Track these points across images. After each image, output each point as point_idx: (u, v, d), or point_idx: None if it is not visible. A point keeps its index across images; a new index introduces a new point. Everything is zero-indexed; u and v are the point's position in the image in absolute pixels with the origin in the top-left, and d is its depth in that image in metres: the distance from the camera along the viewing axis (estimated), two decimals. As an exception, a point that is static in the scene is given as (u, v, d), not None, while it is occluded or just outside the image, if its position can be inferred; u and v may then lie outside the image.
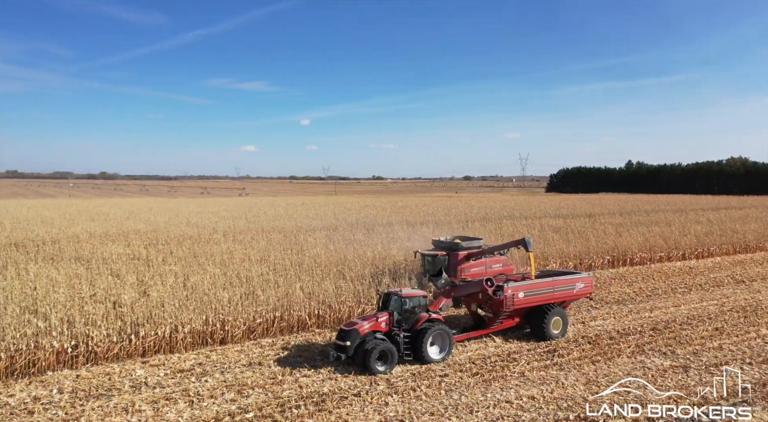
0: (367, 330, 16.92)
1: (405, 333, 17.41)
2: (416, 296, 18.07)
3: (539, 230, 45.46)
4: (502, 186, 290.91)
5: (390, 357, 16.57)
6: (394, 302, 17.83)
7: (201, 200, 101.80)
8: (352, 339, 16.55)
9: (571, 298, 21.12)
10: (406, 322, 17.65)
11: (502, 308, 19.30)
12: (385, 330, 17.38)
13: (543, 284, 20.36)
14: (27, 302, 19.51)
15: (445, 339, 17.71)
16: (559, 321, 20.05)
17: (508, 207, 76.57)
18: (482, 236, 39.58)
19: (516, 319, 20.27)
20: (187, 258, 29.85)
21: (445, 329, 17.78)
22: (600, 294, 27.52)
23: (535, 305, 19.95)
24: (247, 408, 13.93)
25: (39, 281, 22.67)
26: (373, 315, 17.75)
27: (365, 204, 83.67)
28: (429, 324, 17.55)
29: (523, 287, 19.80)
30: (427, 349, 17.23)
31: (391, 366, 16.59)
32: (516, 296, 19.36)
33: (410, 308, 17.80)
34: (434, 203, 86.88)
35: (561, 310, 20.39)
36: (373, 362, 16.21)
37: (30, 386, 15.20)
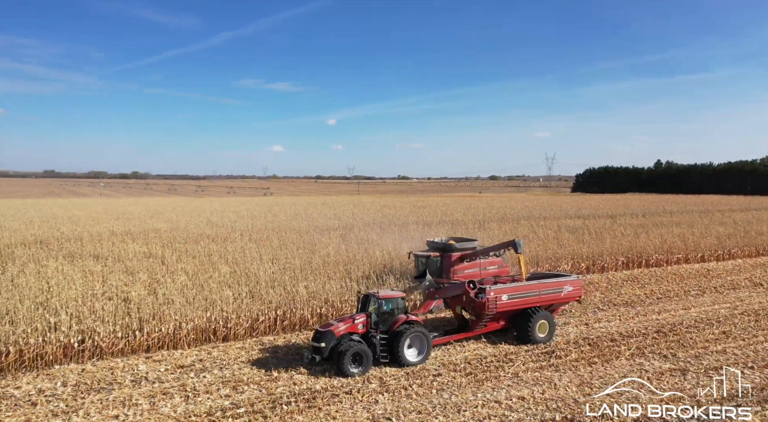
0: (343, 331, 16.79)
1: (382, 334, 17.23)
2: (394, 298, 17.93)
3: (555, 230, 45.04)
4: (528, 186, 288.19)
5: (364, 359, 16.46)
6: (372, 303, 17.76)
7: (225, 200, 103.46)
8: (327, 341, 16.45)
9: (559, 301, 20.75)
10: (383, 324, 17.47)
11: (485, 311, 19.03)
12: (362, 332, 17.22)
13: (528, 287, 20.05)
14: (41, 298, 20.27)
15: (423, 341, 17.51)
16: (545, 324, 19.69)
17: (529, 208, 75.95)
18: (498, 237, 39.52)
19: (501, 322, 19.98)
20: (200, 257, 30.50)
21: (422, 331, 17.55)
22: (609, 296, 27.28)
23: (520, 308, 19.68)
24: (240, 404, 14.30)
25: (55, 278, 23.51)
26: (349, 317, 17.65)
27: (385, 204, 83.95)
28: (406, 326, 17.32)
29: (506, 290, 19.52)
30: (404, 351, 17.04)
31: (366, 368, 16.44)
32: (499, 299, 19.09)
33: (388, 310, 17.63)
34: (454, 203, 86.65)
35: (547, 313, 19.94)
36: (346, 364, 16.13)
37: (37, 378, 15.85)
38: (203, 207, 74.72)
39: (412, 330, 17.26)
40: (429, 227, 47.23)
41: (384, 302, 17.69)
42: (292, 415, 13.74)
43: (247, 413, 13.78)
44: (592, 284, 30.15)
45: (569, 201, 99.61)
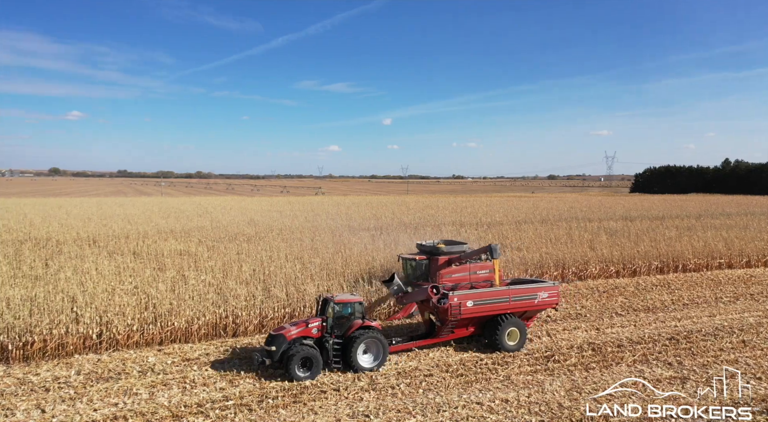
0: (295, 335, 16.71)
1: (336, 339, 17.08)
2: (350, 303, 17.65)
3: (593, 233, 43.98)
4: (586, 186, 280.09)
5: (314, 363, 16.36)
6: (329, 307, 17.53)
7: (275, 199, 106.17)
8: (278, 344, 16.37)
9: (532, 308, 19.96)
10: (338, 328, 17.30)
11: (448, 317, 18.56)
12: (317, 336, 17.06)
13: (496, 293, 19.50)
14: (72, 292, 21.83)
15: (379, 347, 17.20)
16: (515, 332, 19.08)
17: (576, 208, 74.14)
18: (531, 240, 39.04)
19: (471, 328, 19.48)
20: (231, 254, 31.76)
21: (378, 337, 17.18)
22: (632, 301, 26.59)
23: (489, 314, 19.18)
24: (230, 397, 15.06)
25: (90, 273, 25.20)
26: (303, 321, 17.59)
27: (429, 204, 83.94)
28: (361, 331, 17.06)
29: (471, 296, 19.01)
30: (357, 356, 16.83)
31: (315, 372, 16.35)
32: (463, 305, 18.58)
33: (344, 314, 17.46)
34: (500, 204, 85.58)
35: (517, 321, 19.26)
36: (293, 368, 16.05)
37: (56, 367, 17.18)
38: (251, 206, 77.07)
39: (366, 336, 16.96)
40: (463, 228, 47.13)
41: (339, 306, 17.46)
42: (276, 409, 14.38)
43: (235, 406, 14.51)
44: (617, 288, 29.44)
45: (622, 202, 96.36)
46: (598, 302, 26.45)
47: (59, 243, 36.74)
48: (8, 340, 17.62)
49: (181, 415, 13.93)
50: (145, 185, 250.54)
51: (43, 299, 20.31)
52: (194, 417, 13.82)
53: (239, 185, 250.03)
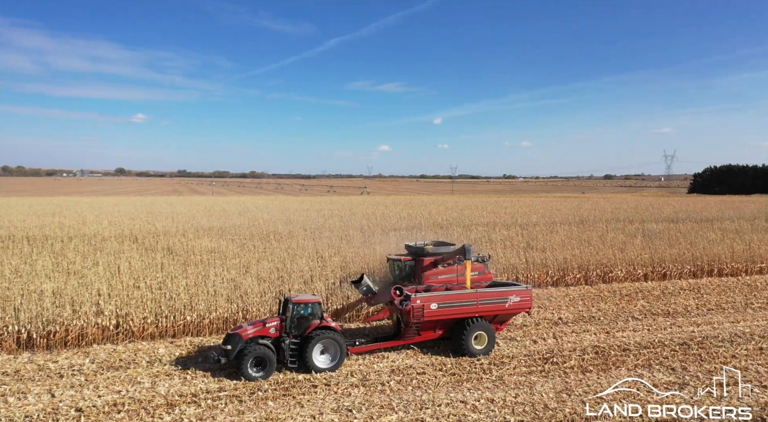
0: (251, 334, 16.88)
1: (294, 339, 17.17)
2: (309, 303, 17.71)
3: (630, 234, 42.76)
4: (644, 186, 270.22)
5: (267, 363, 16.47)
6: (288, 307, 17.68)
7: (319, 198, 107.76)
8: (234, 343, 16.52)
9: (503, 312, 19.50)
10: (297, 328, 17.39)
11: (411, 319, 18.41)
12: (275, 336, 17.20)
13: (462, 296, 19.15)
14: (99, 285, 23.19)
15: (336, 348, 17.22)
16: (483, 336, 18.73)
17: (621, 210, 71.93)
18: (557, 242, 38.37)
19: (438, 331, 19.21)
20: (258, 252, 32.76)
21: (335, 337, 17.17)
22: (654, 305, 25.87)
23: (455, 317, 18.88)
24: (225, 388, 15.77)
25: (121, 268, 26.66)
26: (261, 320, 17.78)
27: (469, 204, 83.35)
28: (318, 332, 17.12)
29: (435, 298, 18.68)
30: (312, 357, 16.91)
31: (269, 372, 16.44)
32: (427, 307, 18.30)
33: (302, 314, 17.56)
34: (542, 204, 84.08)
35: (485, 325, 18.84)
36: (246, 367, 16.22)
37: (74, 355, 18.38)
38: (292, 205, 78.65)
39: (322, 336, 17.02)
40: (495, 228, 46.73)
41: (297, 306, 17.58)
42: (266, 401, 14.97)
43: (227, 397, 15.20)
44: (641, 292, 28.68)
45: (674, 203, 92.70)
46: (617, 305, 25.88)
47: (103, 240, 38.80)
48: (33, 329, 19.00)
49: (175, 404, 14.72)
50: (201, 184, 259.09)
51: (71, 291, 21.71)
52: (187, 406, 14.58)
53: (289, 184, 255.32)
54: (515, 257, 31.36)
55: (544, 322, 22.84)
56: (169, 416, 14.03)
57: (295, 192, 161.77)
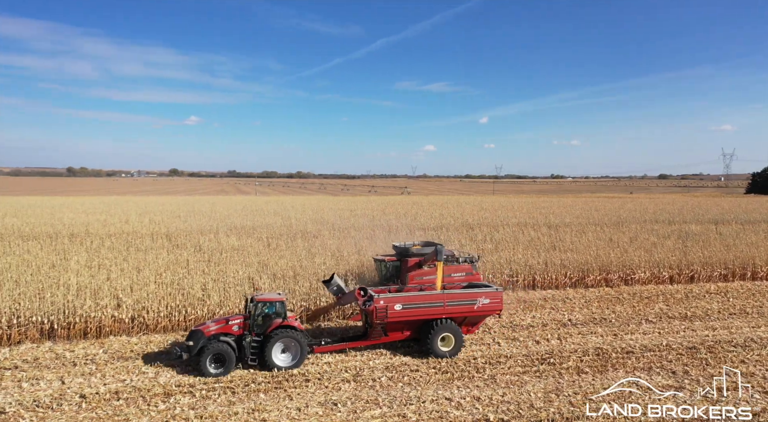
0: (213, 331, 17.13)
1: (255, 337, 17.32)
2: (271, 301, 17.83)
3: (663, 236, 41.58)
4: (700, 186, 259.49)
5: (226, 360, 16.67)
6: (251, 306, 17.89)
7: (358, 198, 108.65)
8: (196, 340, 16.78)
9: (472, 314, 19.19)
10: (259, 327, 17.53)
11: (374, 319, 18.36)
12: (238, 333, 17.41)
13: (428, 297, 18.95)
14: (125, 281, 24.39)
15: (296, 346, 17.34)
16: (449, 337, 18.53)
17: (664, 211, 69.64)
18: (587, 242, 37.67)
19: (406, 332, 19.04)
20: (280, 250, 33.60)
21: (296, 336, 17.27)
22: (674, 309, 25.18)
23: (421, 318, 18.71)
24: (221, 380, 16.41)
25: (147, 264, 27.94)
26: (224, 318, 18.03)
27: (506, 205, 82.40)
28: (279, 331, 17.23)
29: (400, 299, 18.58)
30: (272, 355, 17.06)
31: (228, 369, 16.64)
32: (390, 308, 18.22)
33: (266, 313, 17.71)
34: (583, 205, 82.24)
35: (453, 326, 18.63)
36: (205, 364, 16.48)
37: (91, 346, 19.45)
38: (328, 205, 79.70)
39: (282, 335, 17.15)
40: (524, 229, 46.22)
41: (260, 305, 17.74)
42: (257, 393, 15.53)
43: (222, 388, 15.83)
44: (663, 295, 27.94)
45: (724, 204, 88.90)
46: (634, 308, 25.30)
47: (139, 237, 40.56)
48: (55, 320, 20.23)
49: (171, 393, 15.45)
50: (247, 185, 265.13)
51: (95, 285, 22.97)
52: (182, 396, 15.28)
53: (332, 184, 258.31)
54: (534, 258, 31.02)
55: (553, 323, 22.61)
56: (164, 404, 14.75)
57: (336, 192, 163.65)
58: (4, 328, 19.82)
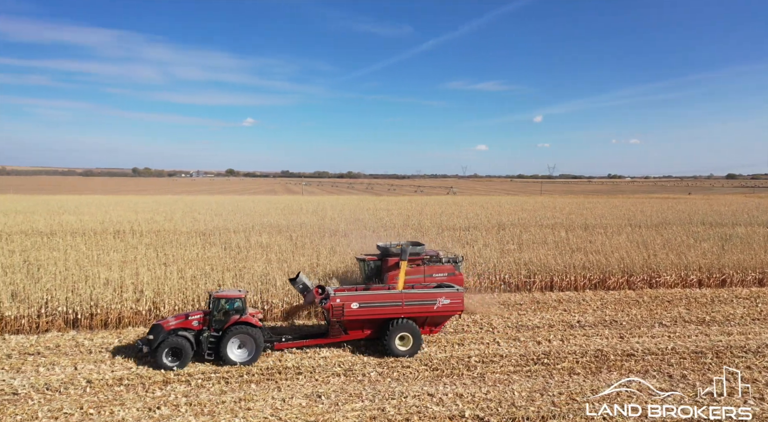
0: (173, 326, 17.68)
1: (214, 333, 17.84)
2: (230, 298, 18.27)
3: (699, 238, 39.98)
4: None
5: (182, 353, 17.24)
6: (211, 302, 18.40)
7: (401, 198, 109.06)
8: (157, 334, 17.36)
9: (432, 314, 19.12)
10: (218, 323, 18.00)
11: (331, 317, 18.63)
12: (197, 328, 17.97)
13: (386, 296, 19.06)
14: (149, 275, 25.77)
15: (251, 342, 17.74)
16: (407, 337, 18.54)
17: (719, 212, 66.80)
18: (616, 243, 36.76)
19: (366, 331, 19.14)
20: (306, 249, 34.46)
21: (251, 332, 17.66)
22: (693, 313, 24.40)
23: (379, 317, 18.79)
24: (218, 370, 17.21)
25: (173, 260, 29.35)
26: (184, 313, 18.58)
27: (548, 205, 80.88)
28: (236, 327, 17.72)
29: (357, 298, 18.75)
30: (227, 350, 17.52)
31: (184, 362, 17.20)
32: (347, 307, 18.43)
33: (226, 309, 18.14)
34: (628, 206, 79.86)
35: (411, 326, 18.62)
36: (161, 357, 17.09)
37: (109, 335, 20.69)
38: (368, 205, 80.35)
39: (237, 331, 17.62)
40: (554, 229, 45.49)
41: (219, 301, 18.24)
42: (249, 384, 16.23)
43: (217, 378, 16.61)
44: (686, 298, 27.13)
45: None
46: (651, 311, 24.66)
47: (176, 234, 42.43)
48: (80, 311, 21.67)
49: (169, 381, 16.36)
50: (297, 184, 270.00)
51: (120, 279, 24.41)
52: (179, 384, 16.16)
53: (379, 184, 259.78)
54: (555, 260, 30.60)
55: (560, 324, 22.36)
56: (161, 392, 15.66)
57: (382, 192, 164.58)
58: (34, 317, 21.40)
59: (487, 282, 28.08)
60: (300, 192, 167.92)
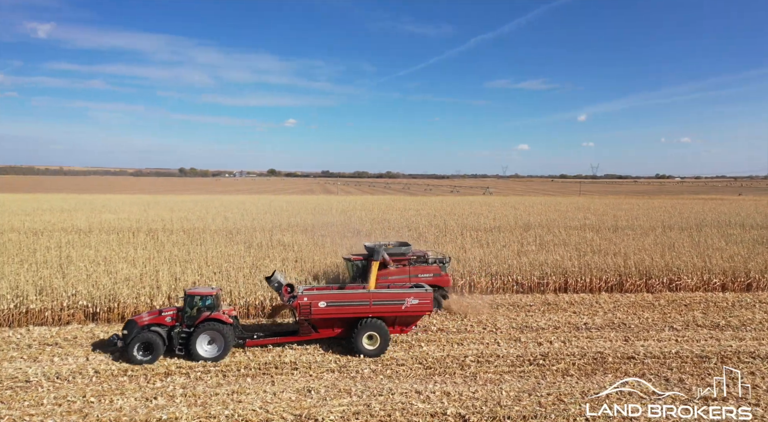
0: (146, 322, 18.27)
1: (186, 329, 18.34)
2: (202, 295, 18.73)
3: (733, 241, 38.66)
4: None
5: (153, 348, 17.73)
6: (185, 299, 18.91)
7: (434, 198, 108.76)
8: (130, 329, 17.98)
9: (400, 314, 19.18)
10: (190, 319, 18.47)
11: (298, 316, 18.87)
12: (170, 324, 18.49)
13: (353, 296, 19.26)
14: (169, 272, 26.78)
15: (221, 339, 18.09)
16: (374, 336, 18.64)
17: (760, 214, 64.17)
18: (639, 246, 35.95)
19: (337, 329, 19.31)
20: (325, 247, 35.03)
21: (221, 329, 18.04)
22: (709, 318, 23.72)
23: (347, 316, 18.93)
24: (218, 365, 17.82)
25: (194, 257, 30.37)
26: (159, 310, 19.20)
27: (582, 206, 79.30)
28: (206, 323, 18.12)
29: (324, 297, 18.93)
30: (196, 346, 17.95)
31: (155, 356, 17.69)
32: (314, 305, 18.67)
33: (199, 305, 18.60)
34: (668, 206, 77.54)
35: (379, 325, 18.72)
36: (132, 351, 17.64)
37: (124, 328, 21.73)
38: (399, 204, 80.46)
39: (208, 327, 18.04)
40: (579, 231, 44.72)
41: (192, 298, 18.71)
42: (245, 377, 16.79)
43: (216, 371, 17.24)
44: (706, 302, 26.40)
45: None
46: (663, 314, 24.10)
47: (205, 233, 43.73)
48: (99, 305, 22.76)
49: (171, 373, 17.08)
50: (335, 184, 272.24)
51: (141, 275, 25.52)
52: (179, 376, 16.87)
53: (417, 185, 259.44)
54: (570, 261, 30.19)
55: (566, 326, 22.13)
56: (161, 383, 16.37)
57: (417, 192, 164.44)
58: (57, 310, 22.62)
59: (499, 283, 27.97)
60: (336, 192, 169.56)
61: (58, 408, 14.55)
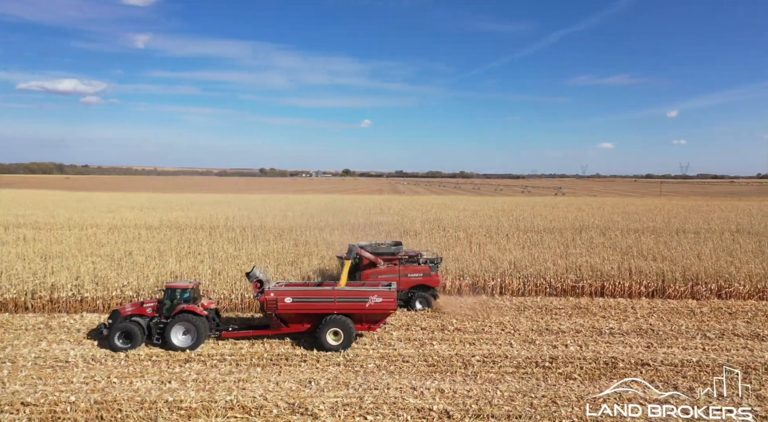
0: (129, 312, 19.61)
1: (163, 319, 19.47)
2: (179, 289, 19.88)
3: None
4: None
5: (132, 337, 19.03)
6: (165, 291, 20.05)
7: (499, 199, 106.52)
8: (115, 319, 19.38)
9: (364, 312, 19.49)
10: (168, 310, 19.57)
11: (266, 310, 19.54)
12: (151, 315, 19.73)
13: (318, 292, 19.76)
14: (210, 268, 28.44)
15: (194, 330, 19.11)
16: (338, 332, 19.12)
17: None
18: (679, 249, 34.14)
19: (306, 325, 19.74)
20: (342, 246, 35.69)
21: (193, 320, 19.06)
22: (751, 327, 22.48)
23: (313, 312, 19.42)
24: (235, 353, 18.90)
25: (241, 254, 32.03)
26: (141, 301, 20.50)
27: (654, 207, 75.31)
28: (181, 315, 19.21)
29: (290, 293, 19.52)
30: (170, 336, 19.06)
31: (135, 345, 19.01)
32: (281, 301, 19.27)
33: (177, 297, 19.70)
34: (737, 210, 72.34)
35: (344, 322, 19.15)
36: (112, 339, 18.98)
37: (161, 317, 23.39)
38: (460, 205, 79.59)
39: (182, 319, 19.14)
40: (632, 234, 42.90)
41: (173, 291, 19.87)
42: (255, 367, 17.76)
43: (230, 360, 18.31)
44: (756, 311, 24.86)
45: None
46: (700, 322, 22.97)
47: (261, 230, 45.55)
48: (142, 296, 24.67)
49: (190, 360, 18.34)
50: (404, 184, 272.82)
51: (179, 269, 27.34)
52: (196, 363, 18.10)
53: (488, 184, 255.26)
54: (610, 265, 29.22)
55: (588, 331, 21.61)
56: (180, 368, 17.67)
57: (487, 193, 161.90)
58: (107, 299, 24.72)
59: (531, 285, 27.57)
60: (405, 192, 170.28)
61: (84, 386, 16.09)
